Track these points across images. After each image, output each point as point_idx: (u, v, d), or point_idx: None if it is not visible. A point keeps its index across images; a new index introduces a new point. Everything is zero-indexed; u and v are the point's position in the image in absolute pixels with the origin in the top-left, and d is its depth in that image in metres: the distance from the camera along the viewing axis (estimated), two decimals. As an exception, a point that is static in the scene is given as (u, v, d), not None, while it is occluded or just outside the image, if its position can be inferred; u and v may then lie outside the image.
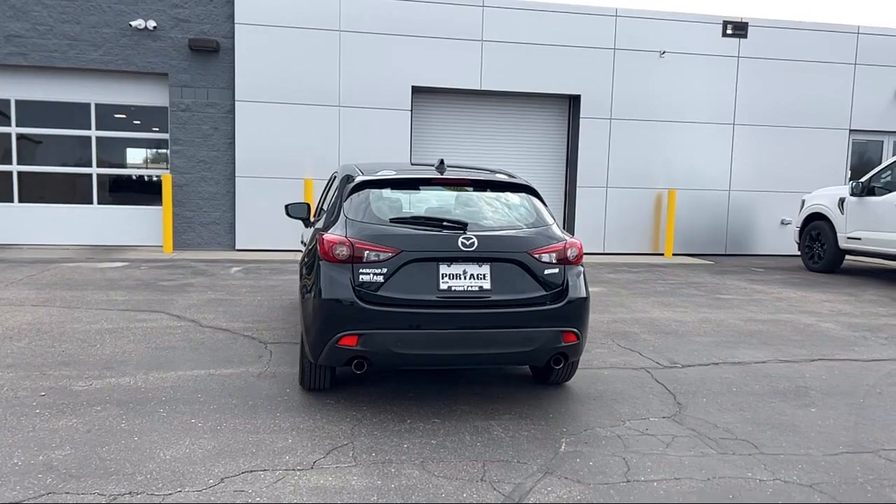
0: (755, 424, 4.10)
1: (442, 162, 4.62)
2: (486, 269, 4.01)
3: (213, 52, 11.45)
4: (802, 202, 11.54)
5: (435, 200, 4.52)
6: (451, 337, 3.97)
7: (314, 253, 4.21)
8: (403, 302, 3.89)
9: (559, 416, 4.17)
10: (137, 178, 12.38)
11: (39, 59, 11.15)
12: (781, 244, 13.37)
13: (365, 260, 3.92)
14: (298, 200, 9.36)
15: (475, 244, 3.98)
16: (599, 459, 3.54)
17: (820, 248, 11.04)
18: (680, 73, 12.84)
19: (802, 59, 13.22)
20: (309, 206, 6.13)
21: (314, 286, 4.04)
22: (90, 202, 11.85)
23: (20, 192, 11.66)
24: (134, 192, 12.22)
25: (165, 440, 3.61)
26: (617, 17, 12.58)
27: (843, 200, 10.57)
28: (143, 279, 8.57)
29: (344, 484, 3.18)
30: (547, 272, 4.10)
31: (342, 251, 3.95)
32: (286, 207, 6.03)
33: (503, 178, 4.76)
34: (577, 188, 12.79)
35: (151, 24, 11.24)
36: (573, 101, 12.82)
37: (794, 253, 12.34)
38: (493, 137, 12.67)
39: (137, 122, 11.96)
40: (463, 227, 4.07)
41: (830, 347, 6.03)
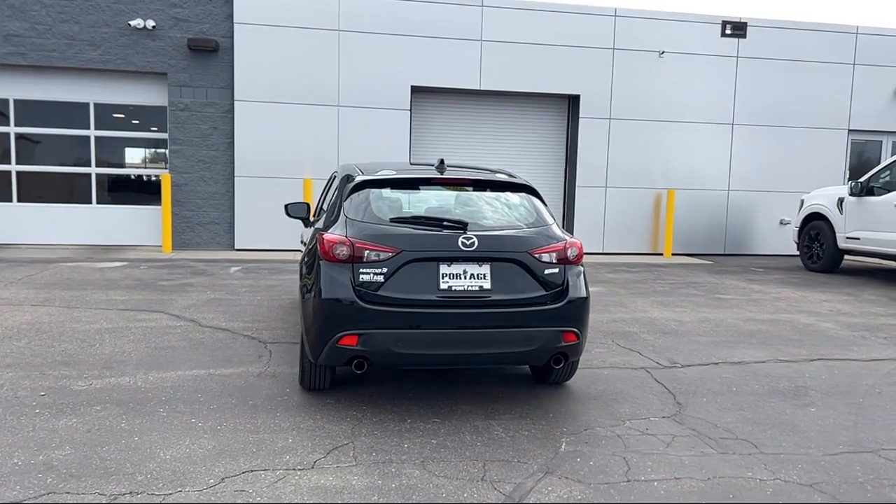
0: (755, 424, 4.11)
1: (442, 162, 4.62)
2: (486, 268, 4.01)
3: (212, 51, 11.44)
4: (801, 202, 11.55)
5: (435, 200, 4.52)
6: (451, 337, 3.97)
7: (314, 252, 4.21)
8: (404, 302, 3.89)
9: (559, 415, 4.17)
10: (136, 177, 12.37)
11: (38, 58, 11.14)
12: (780, 244, 13.38)
13: (365, 260, 3.91)
14: (298, 200, 9.37)
15: (475, 244, 3.98)
16: (600, 459, 3.54)
17: (819, 247, 11.05)
18: (679, 73, 12.85)
19: (801, 59, 13.23)
20: (308, 205, 6.13)
21: (314, 286, 4.04)
22: (89, 202, 11.84)
23: (19, 191, 11.64)
24: (133, 191, 12.22)
25: (165, 440, 3.61)
26: (616, 17, 12.58)
27: (842, 200, 10.58)
28: (142, 279, 8.56)
29: (345, 484, 3.18)
30: (547, 272, 4.10)
31: (342, 251, 3.94)
32: (286, 207, 6.05)
33: (503, 177, 4.76)
34: (576, 188, 12.79)
35: (150, 23, 11.23)
36: (572, 100, 12.83)
37: (793, 253, 12.35)
38: (492, 137, 12.67)
39: (136, 121, 11.95)
40: (463, 226, 4.07)
41: (830, 347, 6.03)
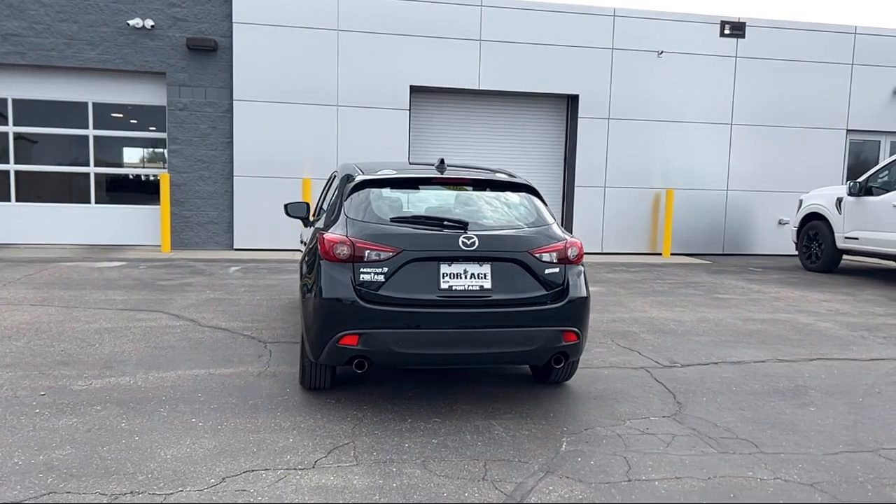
0: (755, 423, 4.11)
1: (442, 161, 4.62)
2: (486, 268, 4.01)
3: (210, 51, 11.43)
4: (800, 202, 11.56)
5: (435, 200, 4.53)
6: (451, 336, 3.97)
7: (315, 252, 4.21)
8: (404, 301, 3.89)
9: (560, 415, 4.17)
10: (135, 177, 12.35)
11: (37, 57, 11.12)
12: (779, 244, 13.40)
13: (366, 259, 3.91)
14: (297, 200, 9.36)
15: (476, 243, 3.98)
16: (600, 458, 3.54)
17: (817, 247, 11.06)
18: (678, 73, 12.86)
19: (800, 59, 13.25)
20: (308, 205, 6.13)
21: (315, 285, 4.04)
22: (88, 201, 11.82)
23: (17, 191, 11.63)
24: (131, 191, 12.20)
25: (166, 440, 3.61)
26: (615, 17, 12.59)
27: (840, 200, 10.59)
28: (141, 279, 8.55)
29: (346, 483, 3.18)
30: (547, 271, 4.10)
31: (343, 250, 3.94)
32: (285, 207, 6.04)
33: (503, 177, 4.76)
34: (574, 188, 12.80)
35: (149, 23, 11.22)
36: (571, 100, 12.83)
37: (791, 253, 12.36)
38: (491, 137, 12.68)
39: (135, 121, 11.94)
40: (463, 226, 4.07)
41: (829, 347, 6.04)
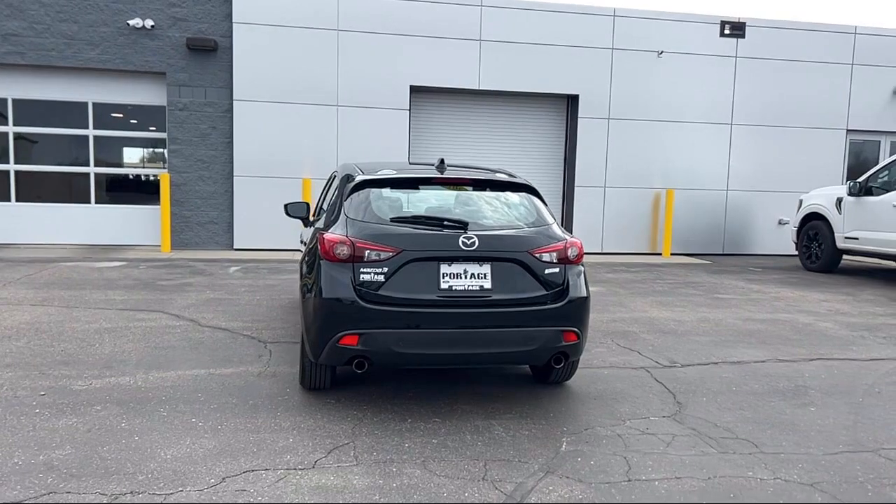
0: (755, 423, 4.11)
1: (442, 161, 4.62)
2: (486, 268, 4.01)
3: (210, 51, 11.43)
4: (800, 202, 11.56)
5: (435, 200, 4.53)
6: (451, 336, 3.97)
7: (315, 252, 4.21)
8: (404, 301, 3.88)
9: (560, 415, 4.17)
10: (135, 177, 12.35)
11: (36, 57, 11.12)
12: (779, 244, 13.40)
13: (366, 259, 3.91)
14: (297, 200, 9.36)
15: (476, 243, 3.98)
16: (600, 458, 3.54)
17: (817, 247, 11.06)
18: (678, 73, 12.86)
19: (800, 59, 13.25)
20: (308, 205, 6.13)
21: (315, 285, 4.04)
22: (88, 201, 11.82)
23: (17, 191, 11.62)
24: (131, 191, 12.20)
25: (166, 440, 3.61)
26: (615, 16, 12.59)
27: (840, 200, 10.59)
28: (141, 279, 8.55)
29: (346, 483, 3.18)
30: (547, 271, 4.10)
31: (343, 250, 3.94)
32: (285, 207, 6.04)
33: (503, 177, 4.76)
34: (574, 188, 12.80)
35: (149, 23, 11.21)
36: (571, 100, 12.83)
37: (791, 253, 12.36)
38: (491, 137, 12.68)
39: (135, 121, 11.93)
40: (464, 226, 4.07)
41: (829, 347, 6.04)
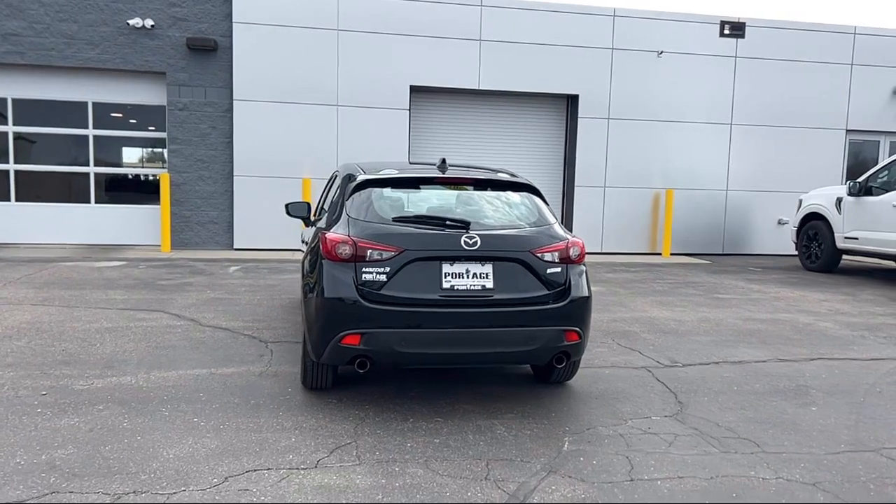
0: (757, 423, 4.11)
1: (444, 161, 4.62)
2: (488, 268, 4.01)
3: (210, 50, 11.42)
4: (800, 202, 11.57)
5: (437, 199, 4.53)
6: (453, 336, 3.97)
7: (317, 252, 4.20)
8: (406, 301, 3.88)
9: (561, 414, 4.18)
10: (134, 177, 12.34)
11: (36, 57, 11.11)
12: (778, 244, 13.40)
13: (368, 259, 3.91)
14: (298, 199, 9.36)
15: (478, 243, 3.98)
16: (603, 458, 3.54)
17: (817, 247, 11.07)
18: (678, 73, 12.86)
19: (799, 59, 13.25)
20: (309, 205, 6.12)
21: (317, 285, 4.04)
22: (87, 201, 11.81)
23: (17, 191, 11.61)
24: (131, 191, 12.19)
25: (168, 439, 3.61)
26: (615, 17, 12.59)
27: (840, 200, 10.60)
28: (141, 278, 8.55)
29: (348, 483, 3.18)
30: (549, 271, 4.10)
31: (345, 250, 3.94)
32: (286, 206, 6.04)
33: (505, 177, 4.76)
34: (574, 188, 12.80)
35: (149, 22, 11.21)
36: (571, 100, 12.83)
37: (791, 253, 12.37)
38: (491, 137, 12.67)
39: (134, 121, 11.92)
40: (465, 226, 4.07)
41: (829, 346, 6.05)
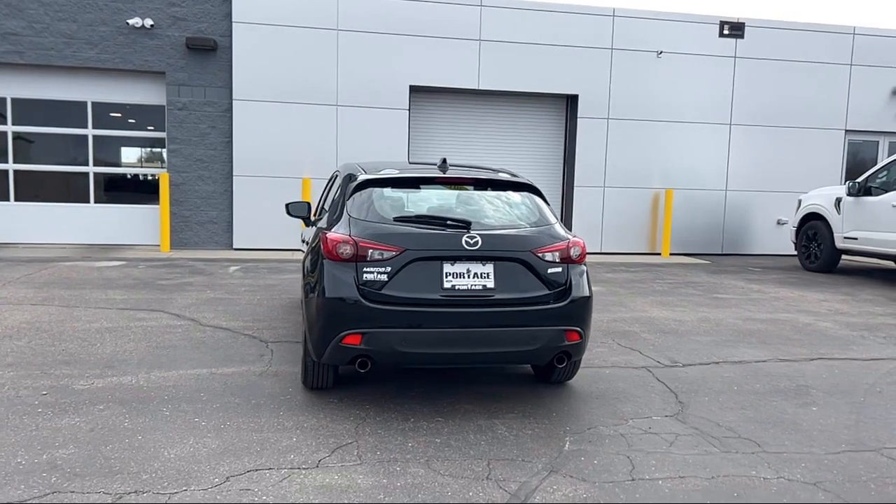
0: (757, 423, 4.12)
1: (444, 161, 4.62)
2: (489, 267, 4.01)
3: (210, 50, 11.42)
4: (799, 202, 11.57)
5: (438, 199, 4.53)
6: (454, 336, 3.97)
7: (317, 251, 4.20)
8: (407, 301, 3.88)
9: (562, 414, 4.18)
10: (134, 176, 12.33)
11: (36, 57, 11.09)
12: (778, 244, 13.41)
13: (369, 259, 3.91)
14: (297, 199, 9.35)
15: (479, 243, 3.98)
16: (604, 458, 3.54)
17: (816, 247, 11.08)
18: (677, 73, 12.87)
19: (799, 59, 13.26)
20: (309, 205, 6.11)
21: (318, 285, 4.04)
22: (87, 201, 11.80)
23: (16, 190, 11.60)
24: (131, 190, 12.18)
25: (169, 439, 3.61)
26: (614, 17, 12.59)
27: (839, 200, 10.61)
28: (141, 278, 8.54)
29: (350, 482, 3.18)
30: (550, 271, 4.10)
31: (346, 250, 3.94)
32: (287, 206, 6.04)
33: (506, 177, 4.76)
34: (574, 188, 12.80)
35: (149, 22, 11.20)
36: (571, 100, 12.84)
37: (790, 253, 12.38)
38: (490, 137, 12.67)
39: (134, 120, 11.91)
40: (466, 225, 4.07)
41: (829, 346, 6.05)
